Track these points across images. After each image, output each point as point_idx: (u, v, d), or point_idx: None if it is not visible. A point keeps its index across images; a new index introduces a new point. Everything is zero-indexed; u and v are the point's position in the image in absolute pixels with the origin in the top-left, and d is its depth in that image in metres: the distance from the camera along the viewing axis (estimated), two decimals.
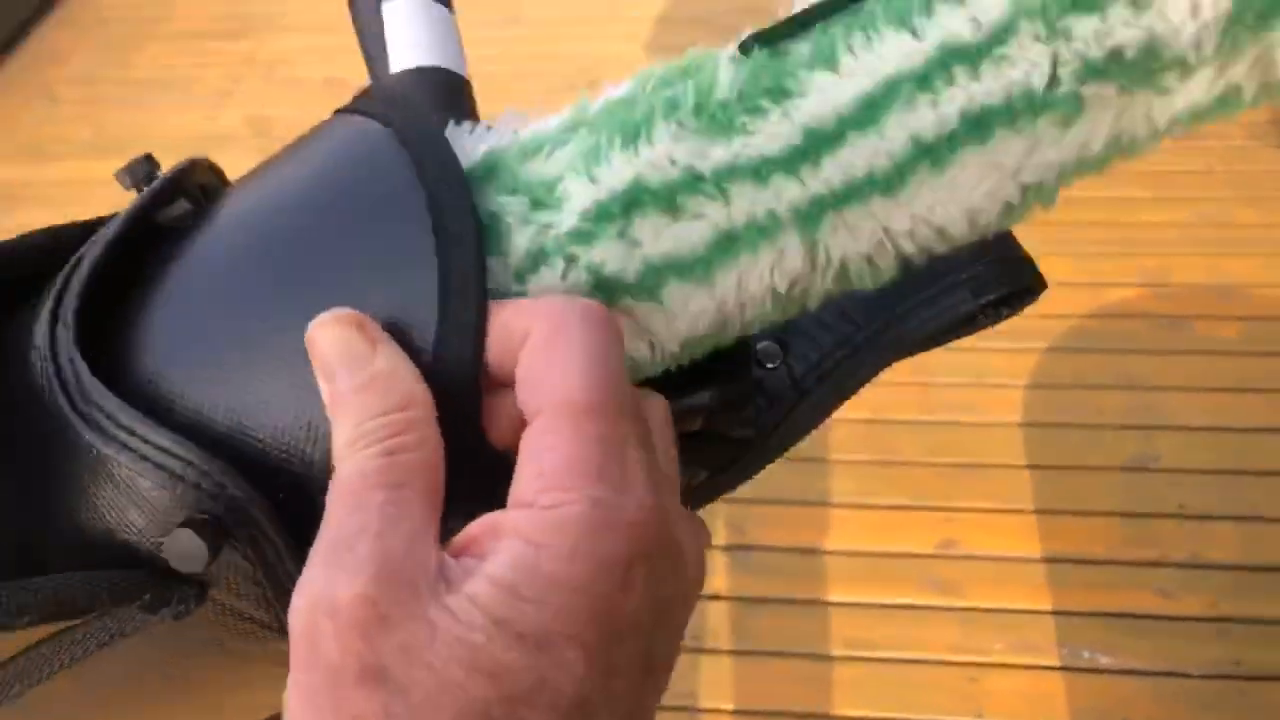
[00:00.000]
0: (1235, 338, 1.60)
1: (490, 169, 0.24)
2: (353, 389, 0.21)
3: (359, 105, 0.26)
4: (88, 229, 0.27)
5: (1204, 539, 1.36)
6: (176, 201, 0.27)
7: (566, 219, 0.24)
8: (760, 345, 0.31)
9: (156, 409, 0.23)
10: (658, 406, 0.24)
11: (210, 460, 0.22)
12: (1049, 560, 1.35)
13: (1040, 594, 1.32)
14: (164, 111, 2.31)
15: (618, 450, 0.20)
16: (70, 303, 0.24)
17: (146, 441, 0.22)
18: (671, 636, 0.21)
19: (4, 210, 2.08)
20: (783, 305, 0.25)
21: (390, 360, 0.21)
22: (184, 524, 0.21)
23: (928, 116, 0.23)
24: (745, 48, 0.24)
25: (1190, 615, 1.29)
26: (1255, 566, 1.32)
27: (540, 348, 0.21)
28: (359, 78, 1.49)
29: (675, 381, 0.27)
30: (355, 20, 0.33)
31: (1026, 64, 0.22)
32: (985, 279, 0.32)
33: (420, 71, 0.29)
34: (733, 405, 0.29)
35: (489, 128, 0.26)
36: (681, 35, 2.28)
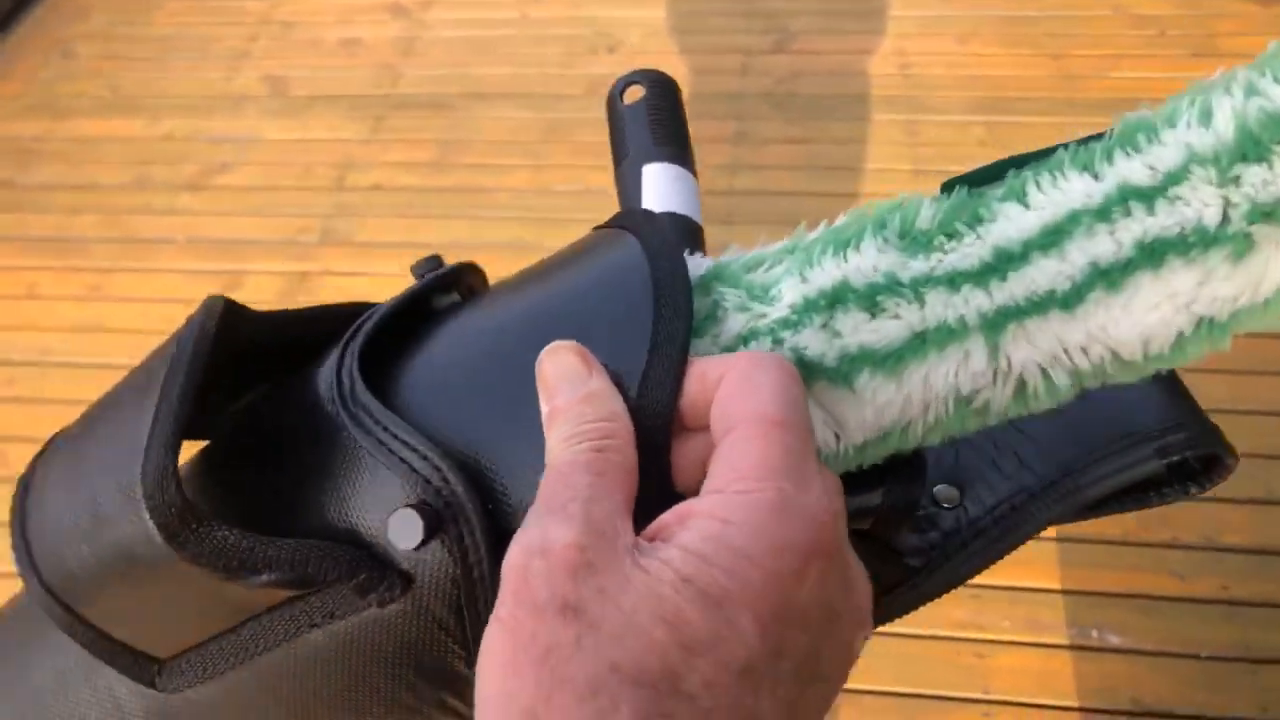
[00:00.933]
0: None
1: (717, 273, 0.29)
2: (571, 401, 0.24)
3: (615, 221, 0.31)
4: (369, 306, 0.33)
5: (1218, 522, 1.35)
6: (450, 292, 0.33)
7: (778, 310, 0.27)
8: (938, 488, 0.33)
9: (408, 418, 0.28)
10: (832, 478, 0.26)
11: (442, 459, 0.26)
12: (1061, 540, 1.35)
13: (1051, 573, 1.32)
14: (181, 70, 2.30)
15: (802, 458, 0.23)
16: (357, 342, 0.30)
17: (395, 437, 0.27)
18: (837, 653, 0.23)
19: (21, 165, 2.08)
20: (963, 414, 0.27)
21: (603, 383, 0.25)
22: (408, 505, 0.26)
23: (1106, 244, 0.26)
24: (947, 187, 0.28)
25: (1201, 597, 1.29)
26: (1268, 550, 1.32)
27: (735, 381, 0.24)
28: (374, 38, 1.49)
29: (850, 480, 0.29)
30: (617, 174, 0.38)
31: (1199, 204, 0.25)
32: (1172, 444, 0.33)
33: (668, 215, 0.35)
34: (900, 513, 0.31)
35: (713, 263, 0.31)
36: (701, 1, 2.26)
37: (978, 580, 1.23)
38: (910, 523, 0.32)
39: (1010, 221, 0.26)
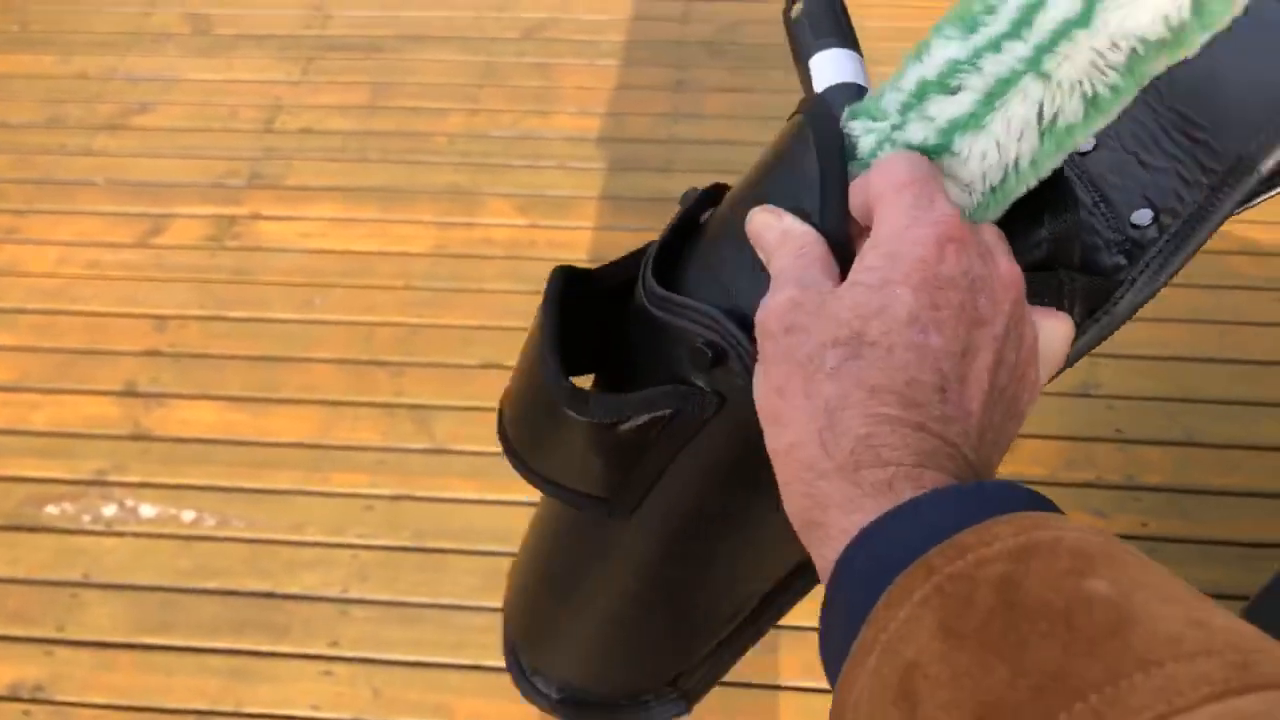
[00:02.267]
0: (1186, 269, 1.64)
1: (853, 113, 0.38)
2: (775, 237, 0.35)
3: (797, 108, 0.41)
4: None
5: (1138, 463, 1.41)
6: (708, 209, 0.44)
7: (890, 120, 0.36)
8: (1135, 214, 0.40)
9: (695, 295, 0.39)
10: (990, 229, 0.35)
11: (718, 315, 0.37)
12: None
13: None
14: (95, 4, 2.20)
15: (927, 197, 0.32)
16: (649, 257, 0.42)
17: (685, 308, 0.38)
18: (990, 303, 0.31)
19: None
20: (1052, 137, 0.34)
21: (791, 220, 0.35)
22: (695, 347, 0.37)
23: None
24: None
25: (1122, 534, 1.34)
26: (1185, 489, 1.38)
27: (874, 180, 0.34)
28: None
29: (1016, 225, 0.37)
30: (801, 79, 0.48)
31: None
32: None
33: (833, 87, 0.45)
34: (1065, 236, 0.38)
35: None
36: None
37: None
38: (1076, 244, 0.39)
39: None
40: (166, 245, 1.75)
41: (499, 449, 0.46)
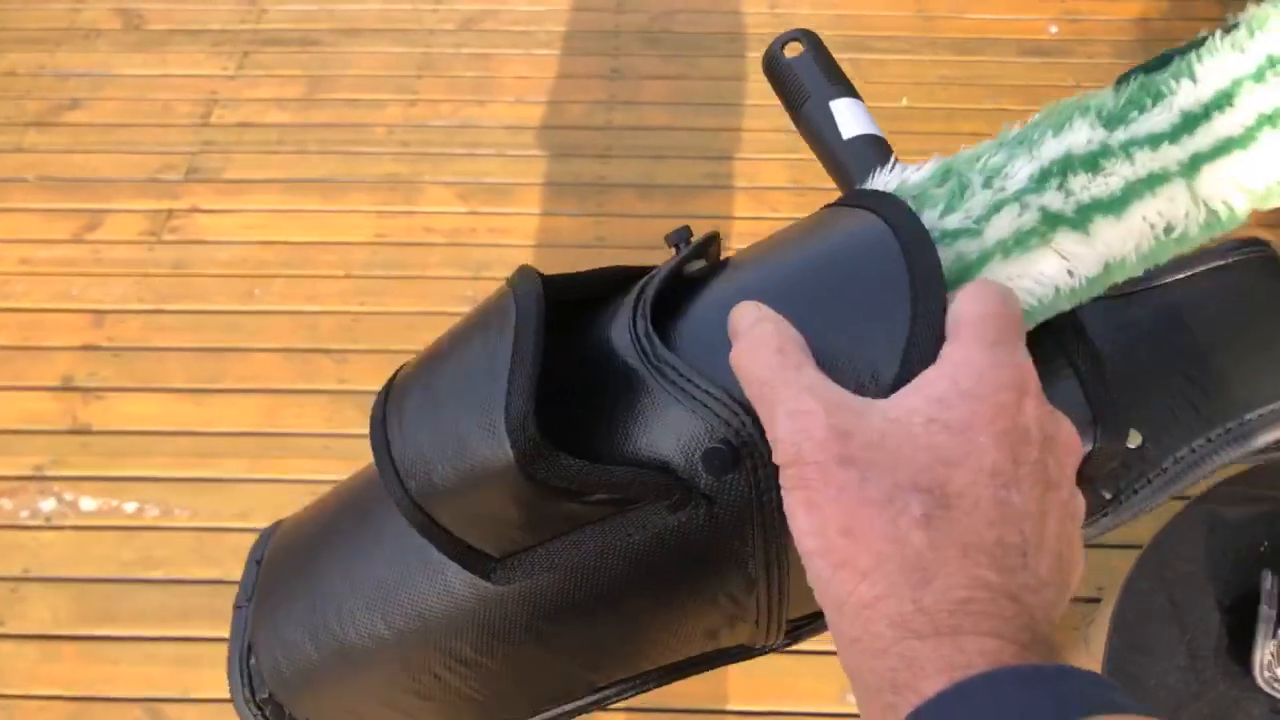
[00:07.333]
0: None
1: (949, 165, 0.36)
2: (755, 325, 0.32)
3: (853, 200, 0.37)
4: (640, 271, 0.39)
5: None
6: (699, 261, 0.39)
7: (1016, 182, 0.35)
8: (1131, 433, 0.40)
9: (684, 359, 0.34)
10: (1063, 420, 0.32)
11: (734, 404, 0.32)
12: None
13: None
14: (23, 1, 2.16)
15: (1010, 338, 0.30)
16: (646, 305, 0.35)
17: (696, 386, 0.33)
18: (1058, 466, 0.29)
19: None
20: (1165, 244, 0.36)
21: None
22: (712, 444, 0.32)
23: (1267, 96, 0.34)
24: (1121, 81, 0.36)
25: None
26: None
27: (963, 297, 0.31)
28: None
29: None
30: (801, 115, 0.45)
31: None
32: None
33: (869, 138, 0.42)
34: (1106, 457, 0.37)
35: (917, 167, 0.37)
36: None
37: None
38: (1111, 472, 0.40)
39: (1188, 92, 0.35)
40: (102, 240, 1.73)
41: None
